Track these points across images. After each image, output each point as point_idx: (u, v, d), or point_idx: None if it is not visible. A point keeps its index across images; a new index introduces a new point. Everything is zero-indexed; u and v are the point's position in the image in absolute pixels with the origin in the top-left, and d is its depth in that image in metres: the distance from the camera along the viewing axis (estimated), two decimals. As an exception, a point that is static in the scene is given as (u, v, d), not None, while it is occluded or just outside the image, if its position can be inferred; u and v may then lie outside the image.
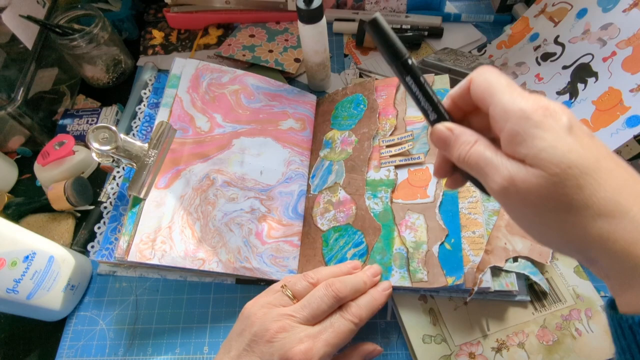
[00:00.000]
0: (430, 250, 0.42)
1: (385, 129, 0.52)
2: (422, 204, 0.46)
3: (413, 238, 0.44)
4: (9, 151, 0.61)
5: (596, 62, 0.49)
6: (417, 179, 0.48)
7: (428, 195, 0.46)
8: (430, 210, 0.45)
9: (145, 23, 0.75)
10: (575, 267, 0.46)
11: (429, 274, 0.41)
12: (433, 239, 0.43)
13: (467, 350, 0.42)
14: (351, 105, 0.57)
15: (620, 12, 0.48)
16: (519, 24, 0.61)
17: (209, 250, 0.46)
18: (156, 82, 0.61)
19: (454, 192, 0.45)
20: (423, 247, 0.43)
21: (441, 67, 0.57)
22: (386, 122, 0.53)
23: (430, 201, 0.45)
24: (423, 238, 0.44)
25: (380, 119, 0.53)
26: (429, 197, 0.46)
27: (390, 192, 0.47)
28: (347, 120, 0.56)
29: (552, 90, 0.53)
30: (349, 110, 0.57)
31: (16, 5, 0.56)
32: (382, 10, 0.71)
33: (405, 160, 0.49)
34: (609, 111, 0.45)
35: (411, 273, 0.42)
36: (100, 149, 0.46)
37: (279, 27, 0.71)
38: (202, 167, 0.51)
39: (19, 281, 0.41)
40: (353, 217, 0.48)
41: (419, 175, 0.48)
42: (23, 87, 0.56)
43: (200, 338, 0.46)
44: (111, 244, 0.48)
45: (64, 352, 0.46)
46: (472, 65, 0.56)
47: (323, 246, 0.48)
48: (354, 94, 0.58)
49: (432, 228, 0.44)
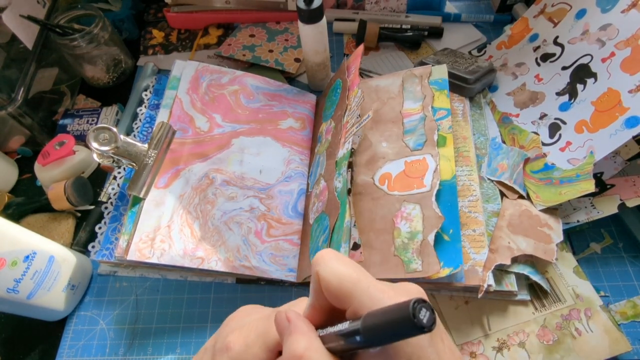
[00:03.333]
0: (425, 239, 0.42)
1: (351, 103, 0.50)
2: (418, 194, 0.45)
3: (408, 228, 0.43)
4: (10, 151, 0.61)
5: (595, 62, 0.49)
6: (414, 170, 0.47)
7: (425, 185, 0.45)
8: (427, 200, 0.44)
9: (146, 23, 0.75)
10: (575, 267, 0.46)
11: (423, 263, 0.40)
12: (429, 228, 0.42)
13: (468, 350, 0.42)
14: (333, 92, 0.57)
15: (618, 12, 0.48)
16: (519, 24, 0.61)
17: (208, 248, 0.46)
18: (157, 83, 0.61)
19: (452, 182, 0.45)
20: (418, 236, 0.42)
21: None
22: (353, 96, 0.50)
23: (427, 190, 0.45)
24: (418, 228, 0.43)
25: (349, 94, 0.51)
26: (425, 187, 0.45)
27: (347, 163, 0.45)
28: (330, 109, 0.56)
29: (551, 91, 0.53)
30: (331, 98, 0.56)
31: (16, 5, 0.56)
32: (382, 10, 0.71)
33: (358, 125, 0.47)
34: (608, 112, 0.45)
35: (405, 264, 0.41)
36: (100, 149, 0.46)
37: (279, 27, 0.71)
38: (202, 166, 0.51)
39: (20, 281, 0.41)
40: (326, 203, 0.47)
41: (415, 166, 0.47)
42: (23, 87, 0.56)
43: (200, 338, 0.46)
44: (112, 244, 0.48)
45: (65, 351, 0.46)
46: (470, 67, 0.56)
47: (310, 240, 0.47)
48: (335, 81, 0.57)
49: (428, 217, 0.43)
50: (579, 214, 0.47)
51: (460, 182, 0.48)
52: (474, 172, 0.48)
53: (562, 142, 0.49)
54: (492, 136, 0.54)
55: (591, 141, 0.46)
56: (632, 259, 0.48)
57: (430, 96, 0.52)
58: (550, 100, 0.52)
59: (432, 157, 0.47)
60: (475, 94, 0.57)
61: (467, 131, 0.52)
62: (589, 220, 0.46)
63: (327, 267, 0.21)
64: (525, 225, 0.45)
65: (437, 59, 0.59)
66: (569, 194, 0.45)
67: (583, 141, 0.47)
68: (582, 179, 0.45)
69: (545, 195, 0.46)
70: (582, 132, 0.47)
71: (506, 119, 0.55)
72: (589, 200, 0.47)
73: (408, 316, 0.16)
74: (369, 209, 0.47)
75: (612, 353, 0.41)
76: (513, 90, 0.57)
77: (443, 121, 0.50)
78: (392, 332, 0.18)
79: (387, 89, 0.56)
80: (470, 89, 0.55)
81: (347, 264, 0.22)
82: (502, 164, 0.50)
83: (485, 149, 0.52)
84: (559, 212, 0.47)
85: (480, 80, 0.56)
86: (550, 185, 0.47)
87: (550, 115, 0.51)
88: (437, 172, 0.46)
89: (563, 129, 0.49)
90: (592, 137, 0.46)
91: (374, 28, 0.66)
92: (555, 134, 0.50)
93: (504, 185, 0.49)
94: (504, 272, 0.43)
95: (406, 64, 0.66)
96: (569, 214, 0.47)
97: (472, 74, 0.55)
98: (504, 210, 0.46)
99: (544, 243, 0.44)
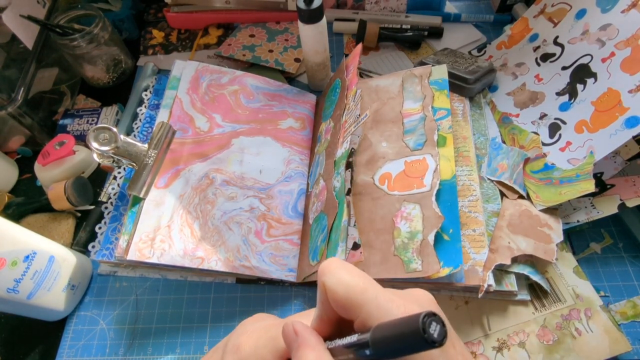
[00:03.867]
0: (425, 239, 0.42)
1: (350, 102, 0.50)
2: (418, 194, 0.45)
3: (408, 228, 0.43)
4: (10, 151, 0.61)
5: (595, 62, 0.49)
6: (414, 170, 0.47)
7: (424, 185, 0.45)
8: (427, 199, 0.44)
9: (146, 23, 0.75)
10: (575, 267, 0.46)
11: (423, 263, 0.40)
12: (429, 227, 0.42)
13: (468, 350, 0.42)
14: (333, 92, 0.57)
15: (619, 12, 0.48)
16: (519, 24, 0.61)
17: (208, 248, 0.46)
18: (157, 83, 0.61)
19: (452, 182, 0.45)
20: (418, 236, 0.42)
21: None
22: (352, 95, 0.50)
23: (427, 190, 0.45)
24: (418, 227, 0.43)
25: (347, 94, 0.51)
26: (425, 187, 0.45)
27: (345, 163, 0.45)
28: (329, 108, 0.56)
29: (551, 91, 0.53)
30: (331, 97, 0.57)
31: (16, 5, 0.56)
32: (382, 10, 0.71)
33: (356, 125, 0.47)
34: (608, 112, 0.45)
35: (405, 263, 0.41)
36: (100, 149, 0.46)
37: (279, 27, 0.71)
38: (202, 166, 0.51)
39: (20, 281, 0.41)
40: (325, 203, 0.47)
41: (415, 166, 0.47)
42: (23, 87, 0.56)
43: (200, 338, 0.46)
44: (112, 243, 0.48)
45: (65, 351, 0.46)
46: (470, 67, 0.56)
47: (309, 240, 0.47)
48: (335, 80, 0.57)
49: (427, 217, 0.43)
50: (579, 214, 0.47)
51: (460, 182, 0.48)
52: (474, 172, 0.48)
53: (562, 142, 0.49)
54: (492, 136, 0.54)
55: (591, 141, 0.46)
56: (632, 259, 0.48)
57: (430, 96, 0.52)
58: (550, 100, 0.52)
59: (432, 157, 0.47)
60: (475, 94, 0.57)
61: (467, 131, 0.52)
62: (589, 220, 0.46)
63: (333, 278, 0.21)
64: (525, 225, 0.45)
65: (437, 59, 0.59)
66: (569, 194, 0.45)
67: (583, 141, 0.47)
68: (582, 179, 0.45)
69: (545, 195, 0.46)
70: (582, 132, 0.47)
71: (506, 119, 0.55)
72: (589, 200, 0.47)
73: (418, 331, 0.16)
74: (369, 209, 0.47)
75: (612, 353, 0.41)
76: (513, 90, 0.57)
77: (443, 121, 0.50)
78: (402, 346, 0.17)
79: (387, 89, 0.56)
80: (470, 88, 0.55)
81: (354, 273, 0.21)
82: (502, 164, 0.50)
83: (485, 149, 0.52)
84: (558, 212, 0.47)
85: (480, 80, 0.56)
86: (550, 185, 0.47)
87: (550, 115, 0.51)
88: (437, 172, 0.46)
89: (563, 129, 0.49)
90: (592, 137, 0.46)
91: (373, 28, 0.66)
92: (555, 134, 0.50)
93: (504, 185, 0.49)
94: (504, 272, 0.43)
95: (406, 64, 0.66)
96: (569, 214, 0.47)
97: (472, 74, 0.55)
98: (504, 210, 0.46)
99: (544, 243, 0.44)
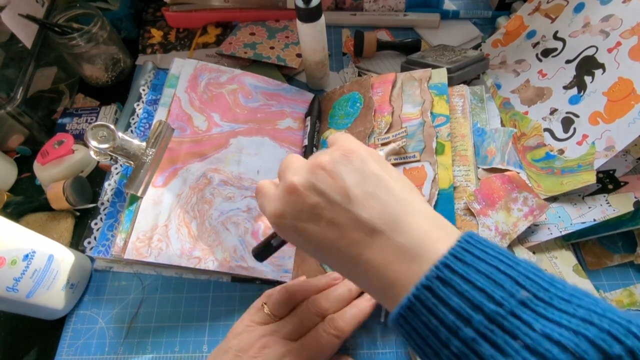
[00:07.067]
0: None
1: (381, 127, 0.52)
2: None
3: None
4: (9, 150, 0.61)
5: (601, 53, 0.48)
6: (412, 178, 0.47)
7: (423, 194, 0.46)
8: None
9: (144, 22, 0.75)
10: (575, 266, 0.45)
11: None
12: None
13: None
14: (348, 103, 0.57)
15: (620, 3, 0.47)
16: (513, 22, 0.60)
17: (205, 248, 0.46)
18: (155, 79, 0.61)
19: (450, 191, 0.45)
20: None
21: (421, 64, 0.56)
22: (382, 119, 0.53)
23: (426, 200, 0.45)
24: None
25: (376, 116, 0.53)
26: (424, 196, 0.46)
27: None
28: (343, 119, 0.56)
29: (558, 85, 0.51)
30: (346, 108, 0.57)
31: (15, 5, 0.56)
32: (381, 8, 0.70)
33: (400, 158, 0.49)
34: (622, 101, 0.44)
35: None
36: (98, 147, 0.46)
37: (279, 25, 0.71)
38: (199, 166, 0.51)
39: (19, 280, 0.41)
40: None
41: (414, 173, 0.48)
42: (22, 86, 0.56)
43: (199, 336, 0.46)
44: (108, 240, 0.48)
45: (64, 350, 0.46)
46: (454, 58, 0.55)
47: None
48: (351, 92, 0.58)
49: None
50: (594, 212, 0.45)
51: (456, 182, 0.47)
52: (471, 173, 0.48)
53: (579, 136, 0.47)
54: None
55: (609, 132, 0.44)
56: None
57: (429, 101, 0.52)
58: (558, 94, 0.51)
59: (430, 165, 0.47)
60: (458, 83, 0.55)
61: (466, 128, 0.52)
62: (605, 218, 0.44)
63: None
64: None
65: (422, 54, 0.58)
66: (571, 184, 0.44)
67: (600, 133, 0.45)
68: (583, 170, 0.44)
69: (547, 185, 0.46)
70: (598, 124, 0.46)
71: (507, 104, 0.54)
72: (604, 198, 0.46)
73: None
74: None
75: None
76: (517, 88, 0.56)
77: (442, 128, 0.50)
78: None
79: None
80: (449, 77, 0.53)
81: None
82: (491, 149, 0.49)
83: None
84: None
85: (463, 69, 0.54)
86: (551, 175, 0.47)
87: (561, 110, 0.50)
88: (436, 181, 0.46)
89: (577, 122, 0.48)
90: (610, 128, 0.44)
91: (371, 38, 0.65)
92: (570, 128, 0.48)
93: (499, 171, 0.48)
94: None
95: (405, 63, 0.66)
96: (585, 212, 0.46)
97: (453, 63, 0.54)
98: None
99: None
